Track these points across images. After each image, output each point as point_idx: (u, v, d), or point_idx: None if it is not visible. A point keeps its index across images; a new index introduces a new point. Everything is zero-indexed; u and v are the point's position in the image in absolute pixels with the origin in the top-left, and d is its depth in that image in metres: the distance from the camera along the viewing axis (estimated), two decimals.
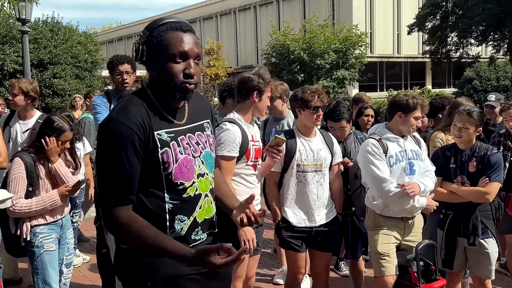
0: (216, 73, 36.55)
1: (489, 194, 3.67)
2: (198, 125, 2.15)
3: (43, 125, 3.74)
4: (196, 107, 2.19)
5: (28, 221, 3.63)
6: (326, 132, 3.97)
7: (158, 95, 2.03)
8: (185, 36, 1.99)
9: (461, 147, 3.82)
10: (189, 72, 1.98)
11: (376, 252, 3.59)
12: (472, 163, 3.74)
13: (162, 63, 1.97)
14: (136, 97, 2.02)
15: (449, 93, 27.24)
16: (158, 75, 2.00)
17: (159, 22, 2.01)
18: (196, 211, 2.09)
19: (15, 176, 3.57)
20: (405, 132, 3.63)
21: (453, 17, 27.10)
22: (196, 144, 2.10)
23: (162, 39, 1.96)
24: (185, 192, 2.04)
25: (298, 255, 3.75)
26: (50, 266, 3.69)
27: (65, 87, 16.63)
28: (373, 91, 35.31)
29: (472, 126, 3.72)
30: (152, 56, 1.99)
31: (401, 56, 39.87)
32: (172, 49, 1.96)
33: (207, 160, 2.15)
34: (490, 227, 3.77)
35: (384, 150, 3.55)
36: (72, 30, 18.93)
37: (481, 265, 3.77)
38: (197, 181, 2.08)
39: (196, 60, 2.02)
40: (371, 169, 3.52)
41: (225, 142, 3.21)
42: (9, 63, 15.57)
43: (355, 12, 35.92)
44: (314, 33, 26.59)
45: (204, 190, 2.12)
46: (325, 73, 26.04)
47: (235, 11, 44.81)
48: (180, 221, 2.04)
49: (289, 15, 38.60)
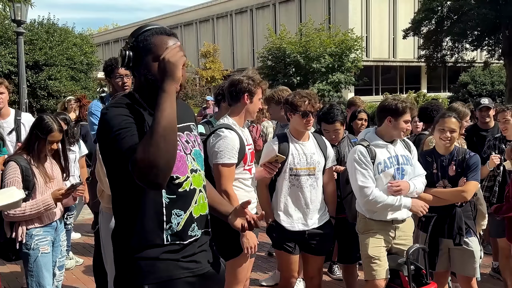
0: (212, 75, 36.57)
1: (466, 192, 3.73)
2: (186, 126, 2.22)
3: (34, 124, 3.75)
4: (182, 110, 2.23)
5: (24, 224, 3.63)
6: (320, 136, 3.99)
7: (145, 98, 2.09)
8: (169, 39, 2.07)
9: (443, 152, 3.87)
10: None
11: (367, 256, 3.62)
12: (451, 167, 3.81)
13: (149, 65, 2.03)
14: (124, 98, 2.10)
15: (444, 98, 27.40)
16: (145, 78, 2.06)
17: (143, 28, 2.09)
18: (192, 205, 2.13)
19: (11, 181, 3.55)
20: (396, 136, 3.66)
21: (448, 22, 27.20)
22: (186, 142, 2.17)
23: (148, 43, 2.05)
24: (181, 187, 2.09)
25: (291, 257, 3.75)
26: (44, 269, 3.69)
27: (60, 89, 16.61)
28: (369, 95, 35.42)
29: (458, 128, 3.82)
30: (139, 60, 2.06)
31: (396, 60, 40.01)
32: (158, 51, 2.02)
33: (197, 157, 2.21)
34: (471, 227, 3.87)
35: (372, 156, 3.57)
36: (67, 31, 18.89)
37: (466, 264, 3.83)
38: (191, 176, 2.13)
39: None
40: (356, 178, 3.59)
41: (224, 149, 3.21)
42: (4, 64, 15.54)
43: (351, 16, 36.03)
44: (310, 36, 26.67)
45: (198, 186, 2.18)
46: (321, 76, 26.10)
47: (232, 14, 44.86)
48: (177, 216, 2.08)
49: (286, 18, 38.67)
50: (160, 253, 2.05)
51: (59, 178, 3.84)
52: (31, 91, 16.04)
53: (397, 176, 3.60)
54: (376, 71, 39.50)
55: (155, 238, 2.04)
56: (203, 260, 2.19)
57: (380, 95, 33.17)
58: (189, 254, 2.12)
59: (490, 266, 5.31)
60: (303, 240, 3.74)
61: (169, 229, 2.06)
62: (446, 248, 3.87)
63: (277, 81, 26.68)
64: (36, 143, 3.69)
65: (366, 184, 3.53)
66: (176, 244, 2.08)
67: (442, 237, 3.84)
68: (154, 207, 2.03)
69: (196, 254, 2.15)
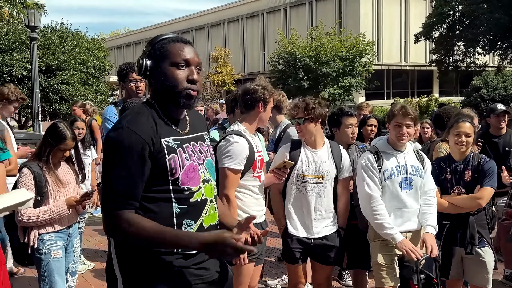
0: (223, 79, 36.66)
1: (481, 199, 3.69)
2: (199, 135, 2.27)
3: (47, 131, 3.80)
4: (194, 119, 2.31)
5: (36, 229, 3.68)
6: (337, 145, 3.94)
7: (162, 106, 2.14)
8: (186, 47, 2.13)
9: (458, 157, 3.84)
10: (192, 78, 2.11)
11: (376, 263, 3.61)
12: (467, 172, 3.78)
13: (167, 71, 2.09)
14: (145, 108, 2.13)
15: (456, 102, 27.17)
16: (162, 85, 2.11)
17: (160, 37, 2.15)
18: (203, 215, 2.17)
19: (24, 186, 3.61)
20: (394, 141, 3.61)
21: (460, 26, 27.03)
22: (200, 152, 2.21)
23: (164, 50, 2.10)
24: (192, 197, 2.13)
25: (297, 266, 3.78)
26: (56, 273, 3.73)
27: (72, 93, 16.69)
28: (380, 99, 35.33)
29: (472, 133, 3.79)
30: (156, 68, 2.10)
31: (408, 64, 39.86)
32: (175, 57, 2.09)
33: (209, 168, 2.26)
34: (486, 236, 3.81)
35: (379, 163, 3.57)
36: (80, 36, 19.00)
37: (478, 274, 3.80)
38: (203, 186, 2.17)
39: (197, 69, 2.14)
40: (362, 184, 3.60)
41: (232, 154, 3.25)
42: (17, 69, 15.63)
43: (363, 20, 35.98)
44: (320, 40, 26.64)
45: (210, 196, 2.22)
46: (331, 80, 26.05)
47: (243, 18, 44.97)
48: (187, 226, 2.11)
49: (297, 22, 38.71)
50: (171, 260, 2.08)
51: (73, 183, 3.88)
52: (44, 95, 16.17)
53: (404, 185, 3.59)
54: (387, 75, 39.37)
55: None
56: (212, 267, 2.22)
57: (392, 99, 33.04)
58: (199, 262, 2.15)
59: (502, 274, 5.26)
60: (309, 248, 3.76)
61: None
62: (459, 256, 3.84)
63: (287, 85, 26.68)
64: (48, 150, 3.74)
65: (371, 191, 3.54)
66: (186, 253, 2.11)
67: (455, 245, 3.81)
68: (165, 218, 2.06)
69: (206, 262, 2.18)
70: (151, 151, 2.01)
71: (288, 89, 26.90)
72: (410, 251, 3.38)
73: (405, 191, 3.58)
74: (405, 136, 3.55)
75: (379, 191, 3.56)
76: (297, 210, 3.73)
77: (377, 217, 3.52)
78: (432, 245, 3.42)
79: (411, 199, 3.59)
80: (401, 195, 3.57)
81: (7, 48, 16.17)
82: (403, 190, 3.58)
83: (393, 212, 3.58)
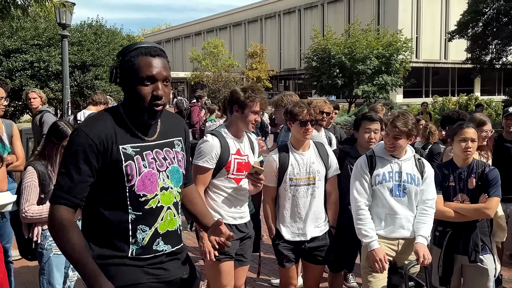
0: (258, 75, 36.70)
1: (489, 209, 3.64)
2: (167, 142, 2.28)
3: (49, 130, 3.92)
4: (169, 126, 2.33)
5: (40, 225, 3.80)
6: (322, 145, 3.95)
7: (130, 113, 2.18)
8: (153, 61, 2.14)
9: (461, 164, 3.75)
10: (156, 93, 2.13)
11: (364, 266, 3.58)
12: (471, 179, 3.70)
13: (132, 86, 2.13)
14: (107, 113, 2.18)
15: (498, 101, 26.35)
16: (129, 96, 2.16)
17: (130, 47, 2.17)
18: (158, 222, 2.20)
19: (28, 184, 3.73)
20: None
21: (496, 24, 26.16)
22: (163, 159, 2.23)
23: (132, 64, 2.12)
24: (147, 204, 2.16)
25: (289, 268, 3.79)
26: (56, 269, 3.85)
27: (106, 88, 17.13)
28: (418, 96, 34.64)
29: (477, 138, 3.72)
30: (124, 79, 2.15)
31: (448, 61, 38.93)
32: (141, 73, 2.11)
33: (173, 175, 2.27)
34: (487, 243, 3.73)
35: (371, 167, 3.55)
36: (115, 33, 19.44)
37: (479, 282, 3.71)
38: (160, 194, 2.20)
39: (164, 82, 2.16)
40: (351, 187, 3.61)
41: (202, 152, 3.34)
42: (53, 64, 16.14)
43: (401, 16, 35.37)
44: (356, 37, 26.31)
45: (167, 203, 2.24)
46: (367, 78, 25.71)
47: (280, 14, 44.92)
48: (142, 231, 2.16)
49: (334, 18, 38.39)
50: (126, 260, 2.14)
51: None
52: (78, 90, 16.64)
53: (397, 192, 3.54)
54: (426, 72, 38.57)
55: (121, 250, 2.13)
56: (173, 268, 2.26)
57: (430, 97, 32.35)
58: (156, 262, 2.20)
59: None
60: (302, 250, 3.76)
61: (135, 244, 2.15)
62: (459, 264, 3.76)
63: (321, 82, 26.50)
64: (52, 148, 3.86)
65: (358, 196, 3.55)
66: (141, 258, 2.16)
67: (457, 253, 3.73)
68: (121, 222, 2.13)
69: (165, 263, 2.23)
70: (101, 154, 2.07)
71: (322, 86, 26.74)
72: (376, 261, 3.37)
73: (397, 197, 3.53)
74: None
75: (366, 195, 3.54)
76: (291, 214, 3.73)
77: (358, 222, 3.52)
78: (424, 255, 3.36)
79: (402, 206, 3.53)
80: (390, 201, 3.51)
81: (44, 44, 16.71)
82: (395, 196, 3.52)
83: (384, 218, 3.54)
